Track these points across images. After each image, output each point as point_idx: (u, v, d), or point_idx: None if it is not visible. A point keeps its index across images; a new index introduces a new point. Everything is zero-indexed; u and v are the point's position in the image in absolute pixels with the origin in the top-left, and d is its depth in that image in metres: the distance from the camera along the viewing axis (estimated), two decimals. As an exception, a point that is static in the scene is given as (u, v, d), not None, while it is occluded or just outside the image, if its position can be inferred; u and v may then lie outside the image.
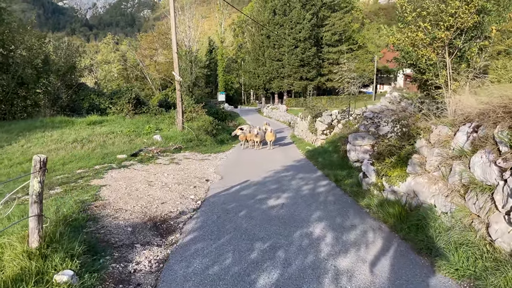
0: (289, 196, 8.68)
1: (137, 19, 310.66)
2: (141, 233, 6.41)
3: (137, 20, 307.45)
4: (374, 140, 11.07)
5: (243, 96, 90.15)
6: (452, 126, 5.81)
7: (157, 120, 24.27)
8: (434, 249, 4.96)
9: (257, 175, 11.50)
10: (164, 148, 16.38)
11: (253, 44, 61.71)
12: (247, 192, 9.23)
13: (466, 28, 7.33)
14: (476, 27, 7.37)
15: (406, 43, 7.89)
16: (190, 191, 9.51)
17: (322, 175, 11.32)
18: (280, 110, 43.41)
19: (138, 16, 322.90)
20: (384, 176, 7.06)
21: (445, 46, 7.53)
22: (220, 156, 16.42)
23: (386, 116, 12.05)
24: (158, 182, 10.34)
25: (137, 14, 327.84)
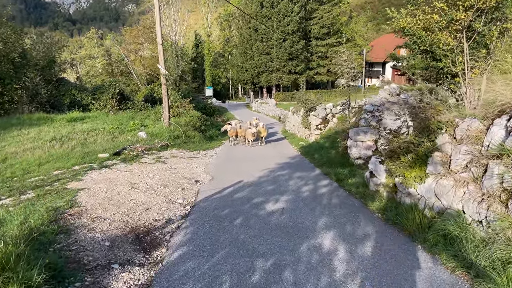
0: (288, 199, 7.79)
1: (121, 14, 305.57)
2: (120, 248, 5.46)
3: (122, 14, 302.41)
4: (377, 135, 10.25)
5: (231, 91, 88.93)
6: (483, 119, 4.98)
7: (142, 116, 23.17)
8: (473, 268, 4.13)
9: (250, 174, 10.60)
10: (150, 146, 15.36)
11: (240, 38, 60.48)
12: (241, 194, 8.32)
13: (487, 8, 6.50)
14: (497, 8, 6.54)
15: (418, 26, 7.04)
16: (177, 194, 8.57)
17: (321, 173, 10.47)
18: (269, 105, 42.48)
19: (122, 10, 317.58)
20: (398, 176, 6.23)
21: (463, 30, 6.69)
22: (209, 153, 15.47)
23: (388, 110, 11.26)
24: (142, 184, 9.38)
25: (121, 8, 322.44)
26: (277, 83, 56.55)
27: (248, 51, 57.00)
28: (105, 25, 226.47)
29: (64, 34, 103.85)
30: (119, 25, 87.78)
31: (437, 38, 6.61)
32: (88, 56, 65.60)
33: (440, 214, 5.42)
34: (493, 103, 5.17)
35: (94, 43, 73.50)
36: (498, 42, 6.69)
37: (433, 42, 6.74)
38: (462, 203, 5.00)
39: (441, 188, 5.35)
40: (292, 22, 51.44)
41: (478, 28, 6.60)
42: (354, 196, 7.91)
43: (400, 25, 7.30)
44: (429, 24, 6.81)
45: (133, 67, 54.43)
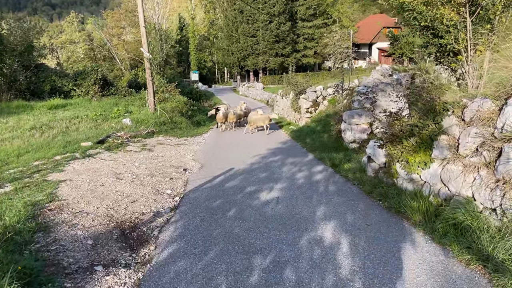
0: (283, 187, 7.40)
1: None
2: (104, 246, 5.02)
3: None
4: (372, 118, 9.89)
5: (217, 75, 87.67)
6: (495, 99, 4.60)
7: (126, 102, 22.44)
8: (490, 261, 3.80)
9: (241, 161, 10.17)
10: (135, 133, 14.78)
11: (225, 20, 59.10)
12: (233, 183, 7.89)
13: (492, -20, 6.08)
14: (503, -20, 6.12)
15: (419, 1, 6.60)
16: (165, 184, 8.12)
17: (314, 158, 10.09)
18: (256, 88, 41.85)
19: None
20: (400, 161, 5.86)
21: (466, 4, 6.27)
22: (197, 140, 14.96)
23: (382, 91, 10.89)
24: (128, 174, 8.89)
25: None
26: (263, 66, 55.71)
27: (233, 34, 55.87)
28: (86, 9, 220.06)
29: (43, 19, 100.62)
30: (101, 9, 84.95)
31: (439, 13, 6.18)
32: (68, 41, 63.69)
33: (447, 201, 5.09)
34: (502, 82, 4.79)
35: (75, 28, 71.30)
36: (502, 17, 6.30)
37: (435, 17, 6.30)
38: (472, 190, 4.66)
39: (449, 173, 5.00)
40: (278, 3, 50.38)
41: (482, 1, 6.18)
42: (351, 182, 7.55)
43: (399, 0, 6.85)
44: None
45: (116, 52, 53.18)
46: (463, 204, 4.69)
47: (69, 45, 61.41)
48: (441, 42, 6.60)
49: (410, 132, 5.50)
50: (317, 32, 55.96)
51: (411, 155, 5.53)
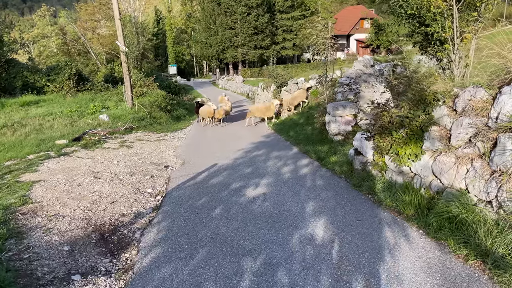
0: (269, 183, 7.17)
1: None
2: (82, 252, 4.70)
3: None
4: (357, 109, 9.75)
5: (196, 68, 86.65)
6: (488, 88, 4.46)
7: (103, 98, 21.79)
8: (490, 256, 3.67)
9: (225, 156, 9.90)
10: (113, 129, 14.29)
11: (203, 12, 58.18)
12: (217, 180, 7.62)
13: (478, -34, 5.96)
14: (489, -34, 6.00)
15: (405, -12, 6.43)
16: (146, 182, 7.79)
17: (299, 152, 9.89)
18: (236, 81, 41.41)
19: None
20: (390, 154, 5.70)
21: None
22: (178, 135, 14.58)
23: (365, 82, 10.76)
24: (107, 172, 8.52)
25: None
26: (243, 59, 55.24)
27: (211, 26, 55.10)
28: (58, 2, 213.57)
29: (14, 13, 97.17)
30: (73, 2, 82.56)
31: (426, 0, 6.01)
32: (41, 35, 61.75)
33: (439, 194, 4.96)
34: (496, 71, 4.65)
35: (47, 21, 69.20)
36: (489, 4, 6.18)
37: (421, 5, 6.14)
38: (466, 182, 4.53)
39: (441, 165, 4.86)
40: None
41: (468, -12, 6.04)
42: (338, 175, 7.38)
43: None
44: (417, -15, 6.21)
45: (91, 46, 51.88)
46: (456, 197, 4.56)
47: (41, 40, 59.53)
48: (428, 31, 6.45)
49: (400, 123, 5.34)
50: (296, 24, 55.78)
51: (401, 147, 5.38)
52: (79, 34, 52.78)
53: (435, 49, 6.94)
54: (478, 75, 5.27)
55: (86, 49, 53.56)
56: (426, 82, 5.26)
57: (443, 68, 7.11)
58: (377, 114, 5.97)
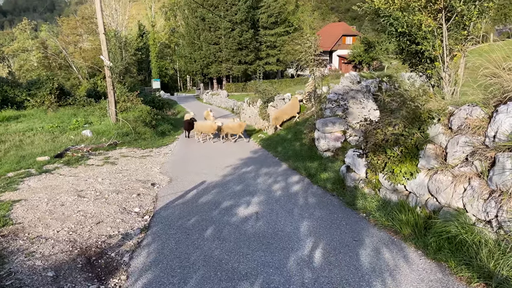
0: (261, 201, 7.02)
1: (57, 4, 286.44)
2: (68, 278, 4.45)
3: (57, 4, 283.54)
4: (346, 126, 9.74)
5: (179, 83, 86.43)
6: (484, 106, 4.46)
7: (86, 113, 21.42)
8: (493, 279, 3.59)
9: (213, 173, 9.72)
10: (96, 145, 13.96)
11: (187, 27, 58.29)
12: (207, 198, 7.43)
13: (467, -14, 6.05)
14: (477, -15, 6.10)
15: (395, 7, 6.48)
16: (133, 201, 7.54)
17: (288, 168, 9.79)
18: (221, 96, 41.36)
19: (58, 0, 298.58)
20: (385, 172, 5.64)
21: (442, 9, 6.21)
22: (163, 150, 14.33)
23: (353, 98, 10.80)
24: (91, 190, 8.24)
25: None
26: (227, 73, 55.37)
27: (195, 41, 55.21)
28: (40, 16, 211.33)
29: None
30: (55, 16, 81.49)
31: (416, 19, 6.06)
32: (21, 49, 60.78)
33: (436, 213, 4.90)
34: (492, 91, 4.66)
35: (28, 35, 68.23)
36: (478, 23, 6.28)
37: (412, 23, 6.19)
38: (463, 201, 4.49)
39: (437, 184, 4.81)
40: (240, 11, 50.33)
41: (457, 7, 6.12)
42: (330, 193, 7.29)
43: (375, 5, 6.71)
44: (407, 4, 6.26)
45: (73, 60, 51.38)
46: (454, 216, 4.51)
47: (22, 53, 58.60)
48: (418, 49, 6.50)
49: (395, 141, 5.30)
50: (279, 40, 56.43)
51: (396, 165, 5.32)
52: (60, 48, 52.28)
53: (425, 67, 7.00)
54: (469, 92, 5.29)
55: (67, 63, 53.03)
56: (420, 100, 5.25)
57: (433, 85, 7.16)
58: (370, 131, 5.92)
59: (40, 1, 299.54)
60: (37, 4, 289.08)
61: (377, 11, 7.09)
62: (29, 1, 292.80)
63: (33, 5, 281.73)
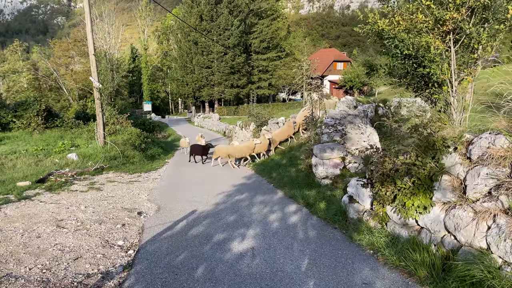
0: (257, 234, 6.44)
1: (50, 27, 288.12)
2: (35, 330, 3.80)
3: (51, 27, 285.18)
4: (345, 152, 9.28)
5: (171, 106, 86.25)
6: (510, 135, 4.02)
7: (73, 135, 20.77)
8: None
9: (204, 201, 9.13)
10: (82, 170, 13.31)
11: (179, 51, 58.53)
12: (198, 230, 6.82)
13: (477, 7, 5.74)
14: (487, 7, 5.80)
15: (400, 28, 6.14)
16: (117, 232, 6.92)
17: (284, 196, 9.24)
18: (212, 119, 41.00)
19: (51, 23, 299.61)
20: (396, 204, 5.13)
21: (451, 31, 5.87)
22: (152, 175, 13.71)
23: (351, 123, 10.40)
24: (72, 220, 7.62)
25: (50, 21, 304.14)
26: (219, 97, 55.28)
27: (188, 65, 55.27)
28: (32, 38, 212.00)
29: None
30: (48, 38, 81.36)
31: (424, 40, 5.70)
32: (11, 70, 60.18)
33: (455, 253, 4.39)
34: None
35: (19, 57, 67.71)
36: (488, 46, 5.94)
37: (419, 45, 5.83)
38: (487, 240, 3.99)
39: (456, 220, 4.32)
40: (233, 36, 50.66)
41: (466, 29, 5.79)
42: (332, 225, 6.74)
43: (378, 27, 6.37)
44: (414, 25, 5.92)
45: (64, 82, 50.96)
46: (477, 257, 4.00)
47: (12, 74, 57.98)
48: (425, 72, 6.13)
49: (407, 171, 4.82)
50: (271, 64, 56.82)
51: (408, 198, 4.83)
52: (51, 70, 51.92)
53: (430, 91, 6.63)
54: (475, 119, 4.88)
55: (58, 84, 52.62)
56: (434, 127, 4.81)
57: (439, 111, 6.76)
58: (378, 160, 5.45)
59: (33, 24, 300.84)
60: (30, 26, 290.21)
61: (380, 33, 6.76)
62: (22, 23, 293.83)
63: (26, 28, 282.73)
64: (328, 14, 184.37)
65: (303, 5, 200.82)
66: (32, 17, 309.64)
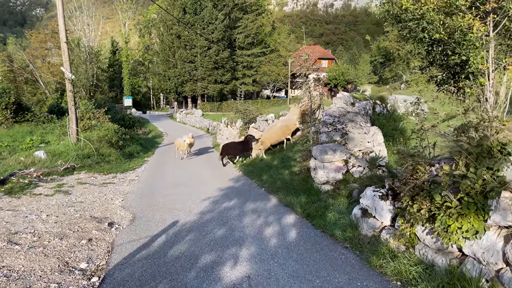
0: (252, 255, 5.28)
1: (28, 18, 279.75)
2: None
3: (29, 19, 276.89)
4: (348, 154, 8.21)
5: (152, 101, 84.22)
6: None
7: (44, 131, 19.23)
8: None
9: (187, 209, 7.92)
10: (49, 170, 11.90)
11: (162, 45, 56.63)
12: (180, 249, 5.62)
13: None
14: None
15: (430, 6, 5.05)
16: (80, 251, 5.68)
17: (279, 204, 8.09)
18: (195, 115, 39.56)
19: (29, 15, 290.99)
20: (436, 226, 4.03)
21: (490, 12, 4.82)
22: (129, 176, 12.37)
23: (352, 122, 9.35)
24: (28, 233, 6.36)
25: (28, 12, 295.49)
26: (202, 93, 53.75)
27: (170, 59, 53.51)
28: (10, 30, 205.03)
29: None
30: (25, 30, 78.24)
31: (464, 21, 4.63)
32: (-16, 62, 57.40)
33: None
34: None
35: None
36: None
37: (456, 28, 4.75)
38: None
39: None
40: (217, 30, 49.20)
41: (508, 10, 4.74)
42: (341, 244, 5.62)
43: (402, 5, 5.27)
44: (448, 3, 4.84)
45: (40, 75, 48.77)
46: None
47: (-16, 66, 55.27)
48: (458, 61, 5.05)
49: (453, 185, 3.74)
50: (256, 60, 55.63)
51: (455, 219, 3.74)
52: (27, 62, 49.65)
53: (457, 84, 5.58)
54: None
55: (34, 77, 50.35)
56: (488, 128, 3.75)
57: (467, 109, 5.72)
58: (406, 168, 4.36)
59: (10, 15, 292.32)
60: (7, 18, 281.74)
61: (399, 16, 5.66)
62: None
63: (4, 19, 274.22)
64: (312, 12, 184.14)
65: (287, 2, 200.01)
66: (10, 8, 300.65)
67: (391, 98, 15.57)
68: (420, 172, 4.13)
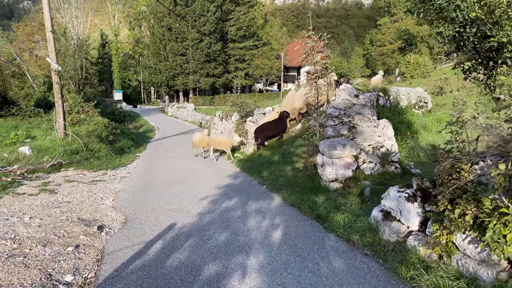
0: (261, 265, 4.65)
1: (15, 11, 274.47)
2: None
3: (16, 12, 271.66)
4: (358, 150, 7.60)
5: (143, 95, 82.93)
6: None
7: (30, 125, 18.39)
8: None
9: (184, 209, 7.27)
10: (35, 167, 11.13)
11: (152, 37, 55.44)
12: (179, 258, 4.96)
13: None
14: None
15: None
16: (66, 260, 5.01)
17: (284, 203, 7.46)
18: (187, 109, 38.71)
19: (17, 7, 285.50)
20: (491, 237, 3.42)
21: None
22: (120, 173, 11.65)
23: (359, 114, 8.75)
24: (8, 238, 5.70)
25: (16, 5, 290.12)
26: (194, 86, 52.79)
27: (161, 52, 52.42)
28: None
29: None
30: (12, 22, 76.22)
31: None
32: (-31, 55, 55.86)
33: None
34: None
35: (-22, 41, 63.03)
36: None
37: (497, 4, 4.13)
38: None
39: None
40: (209, 22, 48.24)
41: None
42: (360, 251, 5.01)
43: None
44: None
45: (28, 68, 47.46)
46: None
47: (-31, 60, 53.76)
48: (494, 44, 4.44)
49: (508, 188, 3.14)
50: (248, 53, 54.84)
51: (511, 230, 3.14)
52: (14, 55, 48.31)
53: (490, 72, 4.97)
54: None
55: (21, 71, 49.02)
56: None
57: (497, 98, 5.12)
58: (444, 168, 3.75)
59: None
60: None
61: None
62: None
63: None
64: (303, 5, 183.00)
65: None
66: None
67: (393, 90, 15.00)
68: (463, 172, 3.54)
